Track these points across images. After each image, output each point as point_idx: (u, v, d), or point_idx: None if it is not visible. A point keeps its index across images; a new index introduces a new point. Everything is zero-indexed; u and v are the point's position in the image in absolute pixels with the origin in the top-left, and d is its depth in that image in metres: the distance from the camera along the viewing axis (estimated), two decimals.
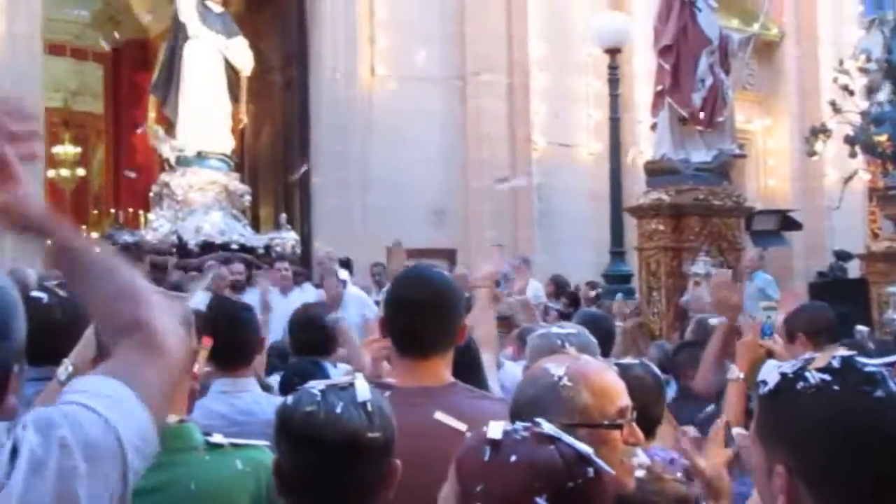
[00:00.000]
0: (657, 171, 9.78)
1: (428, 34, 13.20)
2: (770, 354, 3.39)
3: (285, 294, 8.33)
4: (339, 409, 1.79)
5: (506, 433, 1.50)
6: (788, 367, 1.37)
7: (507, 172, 13.51)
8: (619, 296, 7.25)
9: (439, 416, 1.65)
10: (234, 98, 12.14)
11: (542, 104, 13.54)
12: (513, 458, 1.46)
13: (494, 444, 1.49)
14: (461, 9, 13.54)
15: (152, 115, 12.29)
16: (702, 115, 9.56)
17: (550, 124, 13.54)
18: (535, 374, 1.98)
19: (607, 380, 1.94)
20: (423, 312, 2.40)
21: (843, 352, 1.36)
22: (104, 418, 1.39)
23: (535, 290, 9.81)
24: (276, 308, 6.96)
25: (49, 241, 1.62)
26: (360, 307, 8.45)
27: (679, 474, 2.64)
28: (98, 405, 1.40)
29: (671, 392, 4.34)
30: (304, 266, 11.63)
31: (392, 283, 2.73)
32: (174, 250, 10.66)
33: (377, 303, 9.40)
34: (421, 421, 2.17)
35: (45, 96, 13.17)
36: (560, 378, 1.89)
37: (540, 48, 13.54)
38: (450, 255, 12.68)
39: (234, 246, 11.20)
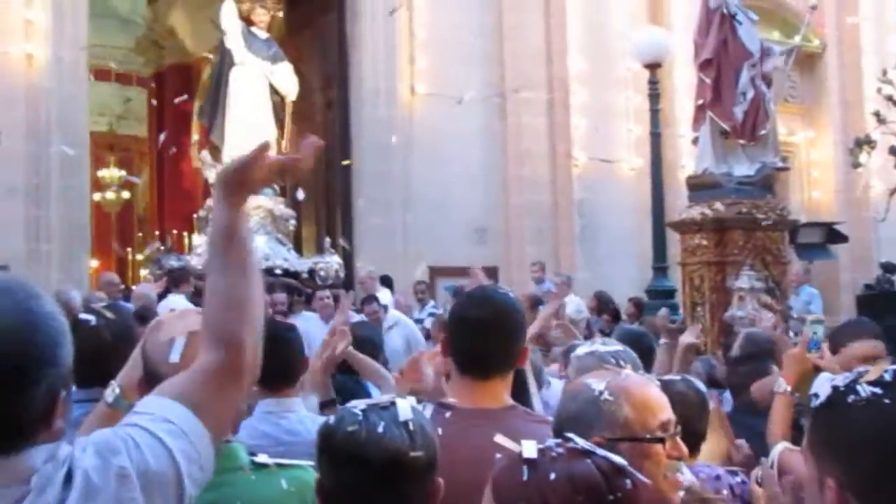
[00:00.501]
0: (699, 186, 9.72)
1: (467, 53, 13.24)
2: (817, 369, 3.36)
3: (327, 321, 8.37)
4: (380, 429, 1.80)
5: (541, 451, 1.50)
6: (840, 380, 1.36)
7: (548, 189, 13.50)
8: (664, 310, 7.19)
9: (499, 439, 1.66)
10: (279, 122, 12.22)
11: (581, 120, 13.53)
12: (552, 476, 1.46)
13: (531, 463, 1.49)
14: (499, 27, 13.58)
15: (196, 137, 12.43)
16: (744, 128, 9.50)
17: (591, 140, 13.51)
18: (577, 390, 1.98)
19: (649, 393, 1.93)
20: (486, 333, 2.39)
21: (894, 366, 1.36)
22: (167, 447, 1.41)
23: (577, 305, 9.78)
24: (319, 334, 7.01)
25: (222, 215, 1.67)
26: (402, 330, 8.49)
27: (725, 492, 2.62)
28: (161, 431, 1.42)
29: (727, 407, 4.31)
30: (347, 288, 11.68)
31: (456, 302, 2.72)
32: None
33: (419, 321, 9.44)
34: (481, 443, 2.16)
35: (91, 121, 13.36)
36: (601, 392, 1.89)
37: (579, 64, 13.54)
38: (491, 273, 12.67)
39: (279, 271, 11.24)
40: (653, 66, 11.09)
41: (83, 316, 2.95)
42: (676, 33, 12.69)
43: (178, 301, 8.58)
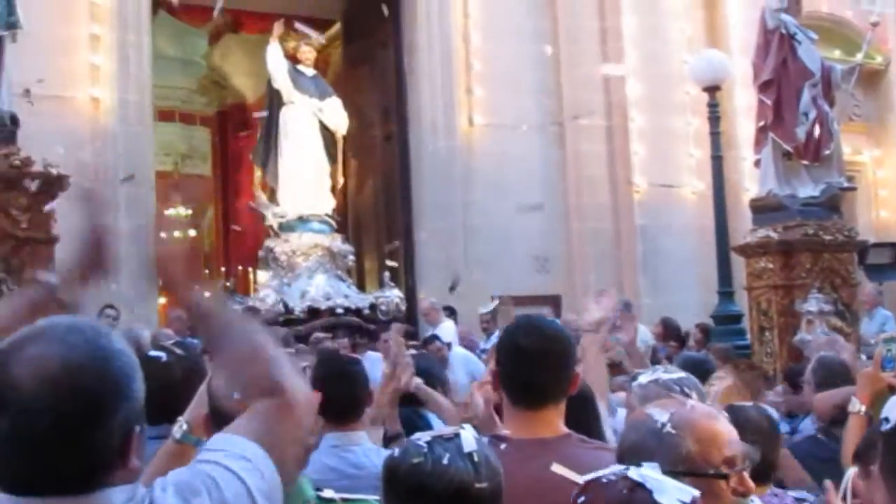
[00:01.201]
0: (764, 208, 9.60)
1: (524, 83, 13.27)
2: (892, 389, 3.28)
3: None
4: (445, 461, 1.80)
5: (595, 482, 1.49)
6: None
7: (609, 215, 13.42)
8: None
9: (556, 468, 1.65)
10: (332, 158, 12.34)
11: (641, 145, 13.45)
12: None
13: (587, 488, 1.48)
14: (556, 56, 13.57)
15: (258, 174, 12.61)
16: (807, 148, 9.37)
17: (651, 165, 13.42)
18: (639, 420, 1.95)
19: (715, 427, 1.88)
20: (536, 362, 2.39)
21: None
22: (245, 485, 1.43)
23: (642, 333, 9.66)
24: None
25: (187, 305, 1.71)
26: (466, 365, 8.48)
27: None
28: (239, 468, 1.44)
29: (810, 431, 4.24)
30: (409, 321, 11.69)
31: (504, 333, 2.71)
32: (281, 319, 10.81)
33: (484, 351, 9.41)
34: (538, 474, 2.14)
35: (157, 160, 13.62)
36: (664, 424, 1.85)
37: (637, 89, 13.48)
38: (554, 301, 12.61)
39: (340, 310, 11.31)
40: (712, 89, 11.00)
41: (153, 353, 3.00)
42: (735, 55, 12.58)
43: None
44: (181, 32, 17.28)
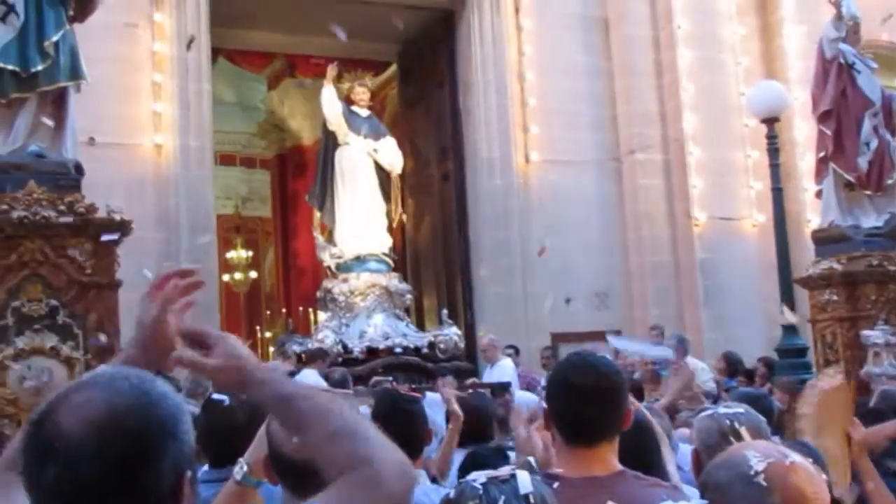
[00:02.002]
0: (826, 240, 9.47)
1: (580, 118, 13.28)
2: None
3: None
4: (500, 503, 1.79)
5: None
6: None
7: (669, 250, 13.30)
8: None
9: None
10: (388, 197, 12.43)
11: (700, 178, 13.33)
12: None
13: None
14: (611, 91, 13.58)
15: (316, 217, 12.73)
16: (869, 178, 9.24)
17: (710, 198, 13.29)
18: (733, 459, 1.87)
19: (807, 490, 1.79)
20: (588, 399, 2.37)
21: None
22: None
23: (701, 369, 9.52)
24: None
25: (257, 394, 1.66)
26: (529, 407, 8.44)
27: None
28: None
29: None
30: (468, 359, 11.67)
31: (554, 370, 2.70)
32: (340, 360, 10.87)
33: (546, 388, 9.37)
34: None
35: (218, 204, 13.83)
36: (757, 473, 1.78)
37: (694, 122, 13.39)
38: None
39: (399, 349, 11.32)
40: (770, 121, 10.90)
41: (216, 396, 3.03)
42: (793, 86, 12.48)
43: (310, 375, 8.75)
44: (240, 78, 17.59)
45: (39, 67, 6.60)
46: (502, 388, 8.74)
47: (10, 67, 6.53)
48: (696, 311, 12.98)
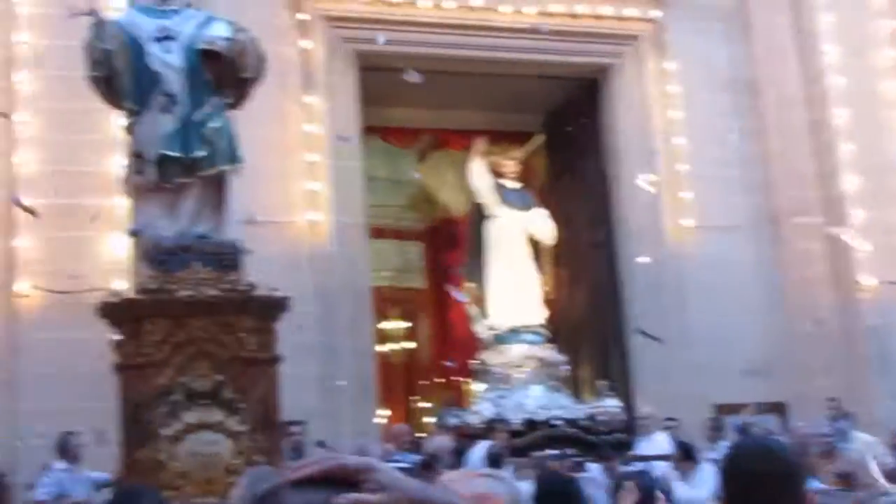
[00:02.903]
0: None
1: (732, 182, 12.98)
2: None
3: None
4: None
5: None
6: None
7: (834, 317, 12.72)
8: None
9: None
10: (541, 269, 12.40)
11: (864, 241, 12.75)
12: None
13: None
14: (765, 154, 13.25)
15: (469, 289, 12.80)
16: None
17: (877, 261, 12.67)
18: None
19: None
20: (767, 487, 2.27)
21: None
22: None
23: (869, 445, 9.00)
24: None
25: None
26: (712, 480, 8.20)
27: None
28: None
29: None
30: (628, 431, 11.42)
31: (727, 458, 2.58)
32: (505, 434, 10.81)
33: (714, 461, 9.01)
34: None
35: (373, 276, 14.07)
36: None
37: (854, 182, 12.88)
38: (778, 409, 12.04)
39: (558, 421, 11.21)
40: None
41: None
42: None
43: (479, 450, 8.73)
44: (391, 153, 17.96)
45: (200, 154, 6.92)
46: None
47: (174, 155, 6.86)
48: (867, 381, 12.31)
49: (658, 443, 10.17)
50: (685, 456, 8.73)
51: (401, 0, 12.21)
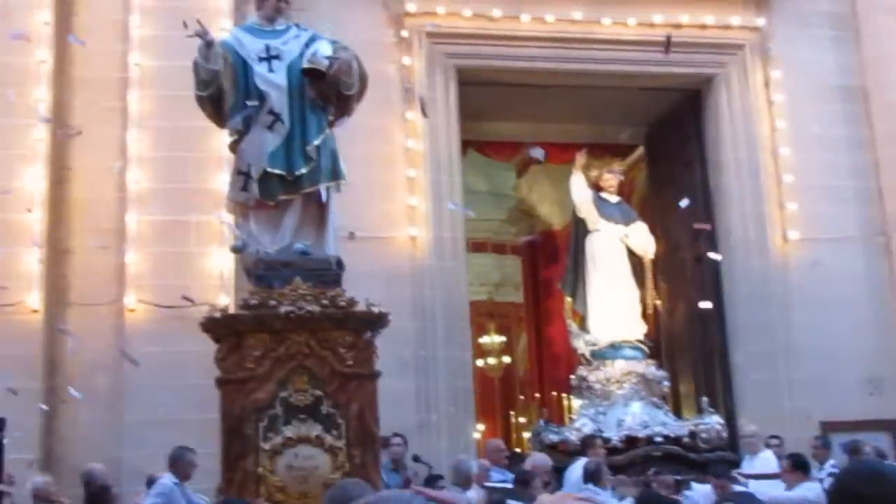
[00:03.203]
0: None
1: (841, 193, 12.63)
2: None
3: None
4: None
5: None
6: None
7: None
8: None
9: None
10: (641, 283, 12.24)
11: None
12: None
13: None
14: (874, 163, 12.85)
15: (567, 303, 12.71)
16: None
17: None
18: None
19: None
20: None
21: None
22: None
23: None
24: None
25: None
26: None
27: None
28: None
29: None
30: (731, 448, 11.18)
31: (839, 482, 2.48)
32: (603, 451, 10.69)
33: (819, 480, 8.76)
34: None
35: (471, 291, 14.08)
36: None
37: None
38: (891, 427, 11.63)
39: (658, 438, 11.04)
40: None
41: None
42: None
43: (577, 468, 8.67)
44: (490, 167, 17.98)
45: (303, 171, 7.04)
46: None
47: (278, 172, 6.98)
48: None
49: (765, 461, 9.94)
50: (795, 467, 8.49)
51: (501, 15, 12.22)
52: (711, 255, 12.39)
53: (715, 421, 11.38)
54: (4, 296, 9.95)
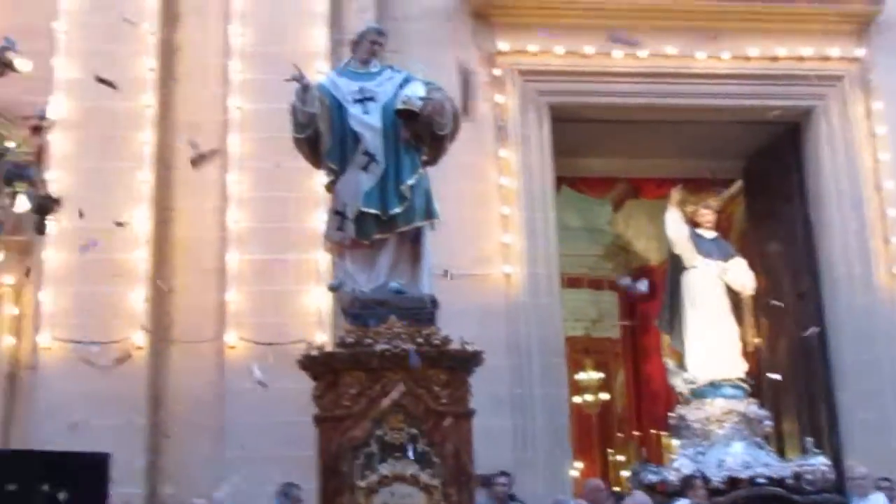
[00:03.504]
0: None
1: None
2: None
3: None
4: None
5: None
6: None
7: None
8: None
9: None
10: (740, 320, 12.01)
11: None
12: None
13: None
14: None
15: (665, 341, 12.54)
16: None
17: None
18: None
19: None
20: None
21: None
22: None
23: None
24: None
25: None
26: None
27: None
28: None
29: None
30: (838, 491, 10.83)
31: None
32: (701, 491, 10.48)
33: None
34: None
35: (567, 327, 13.99)
36: None
37: None
38: None
39: (761, 479, 10.76)
40: None
41: None
42: None
43: None
44: (585, 202, 17.92)
45: (398, 210, 7.11)
46: None
47: (373, 211, 7.08)
48: None
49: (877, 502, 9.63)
50: None
51: (594, 52, 12.22)
52: (810, 330, 12.12)
53: (820, 462, 11.04)
54: (111, 332, 10.25)
